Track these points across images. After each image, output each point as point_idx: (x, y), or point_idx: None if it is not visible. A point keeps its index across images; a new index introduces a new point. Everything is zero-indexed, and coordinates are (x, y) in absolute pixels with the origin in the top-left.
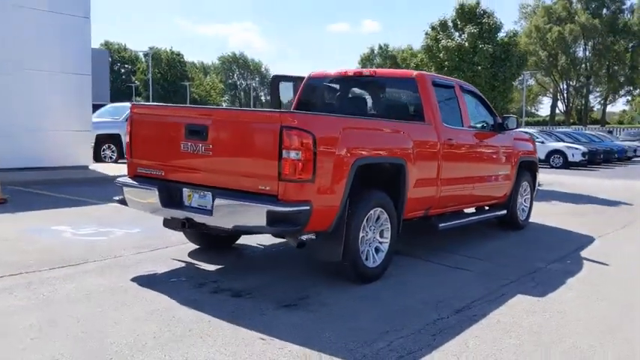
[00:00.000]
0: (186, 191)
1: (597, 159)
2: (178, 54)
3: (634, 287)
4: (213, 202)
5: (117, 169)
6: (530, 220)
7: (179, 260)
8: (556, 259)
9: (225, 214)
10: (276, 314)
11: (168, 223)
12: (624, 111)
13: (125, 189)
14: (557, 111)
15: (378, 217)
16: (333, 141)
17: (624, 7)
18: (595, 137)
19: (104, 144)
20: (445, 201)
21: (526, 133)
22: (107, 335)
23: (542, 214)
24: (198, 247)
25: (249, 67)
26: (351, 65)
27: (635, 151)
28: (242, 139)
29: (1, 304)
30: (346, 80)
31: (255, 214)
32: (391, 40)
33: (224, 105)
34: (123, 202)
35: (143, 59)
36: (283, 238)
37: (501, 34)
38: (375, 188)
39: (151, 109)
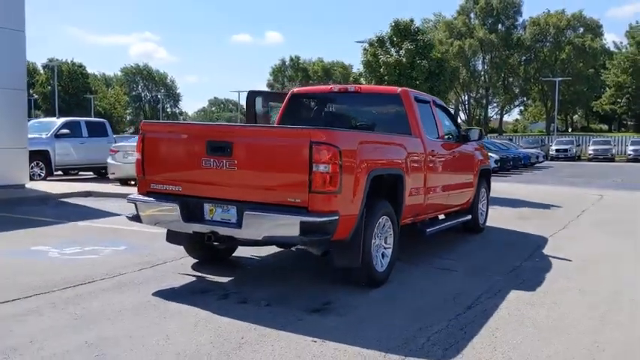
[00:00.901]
0: (207, 206)
1: (507, 165)
2: (80, 65)
3: (603, 278)
4: (238, 215)
5: (53, 187)
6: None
7: (186, 274)
8: (526, 258)
9: (256, 226)
10: (312, 319)
11: (173, 238)
12: (517, 120)
13: (141, 205)
14: (459, 121)
15: (384, 225)
16: (353, 154)
17: (517, 23)
18: (502, 145)
19: (32, 161)
20: (429, 208)
21: None
22: (170, 347)
23: (491, 218)
24: (196, 260)
25: (154, 79)
26: (262, 77)
27: (537, 157)
28: (269, 154)
29: (41, 325)
30: (331, 96)
31: (288, 225)
32: (296, 51)
33: (128, 118)
34: (136, 218)
35: (42, 71)
36: (301, 247)
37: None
38: (381, 198)
39: (166, 127)
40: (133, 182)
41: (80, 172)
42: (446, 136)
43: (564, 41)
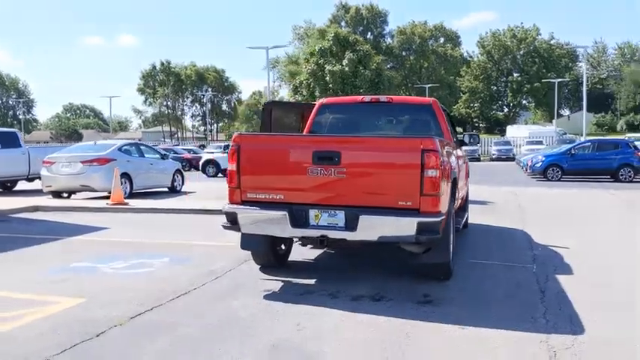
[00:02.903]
0: (312, 212)
1: None
2: None
3: (610, 258)
4: (346, 219)
5: None
6: None
7: (267, 279)
8: (530, 248)
9: (372, 228)
10: (426, 310)
11: (248, 244)
12: None
13: (242, 214)
14: None
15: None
16: (446, 160)
17: (384, 32)
18: None
19: None
20: (457, 207)
21: None
22: (353, 339)
23: None
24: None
25: (5, 84)
26: (132, 81)
27: None
28: (379, 161)
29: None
30: (362, 106)
31: (405, 226)
32: (151, 55)
33: None
34: (233, 227)
35: None
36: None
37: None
38: None
39: (264, 139)
40: (66, 195)
41: None
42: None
43: (428, 50)
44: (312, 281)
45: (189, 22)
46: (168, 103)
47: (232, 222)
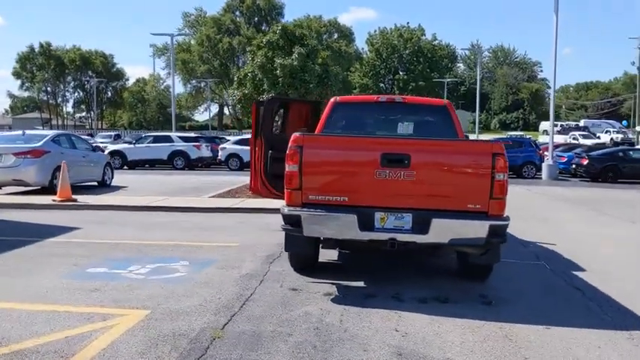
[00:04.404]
0: (378, 214)
1: None
2: None
3: (598, 250)
4: (414, 222)
5: None
6: None
7: (316, 282)
8: (520, 244)
9: (444, 232)
10: (497, 311)
11: (293, 247)
12: None
13: (307, 216)
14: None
15: None
16: None
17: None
18: None
19: None
20: None
21: None
22: (456, 342)
23: None
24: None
25: None
26: (7, 64)
27: None
28: (449, 165)
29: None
30: (377, 106)
31: (477, 229)
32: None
33: None
34: (295, 230)
35: None
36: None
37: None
38: None
39: (329, 140)
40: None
41: None
42: None
43: (324, 45)
44: (361, 283)
45: (74, 3)
46: (48, 88)
47: (294, 224)
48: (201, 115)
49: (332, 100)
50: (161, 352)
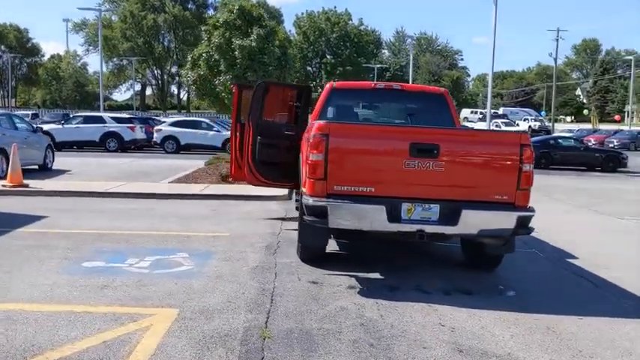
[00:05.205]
0: (405, 205)
1: None
2: None
3: (572, 235)
4: (441, 213)
5: None
6: None
7: (334, 274)
8: None
9: (474, 223)
10: (523, 303)
11: (312, 238)
12: None
13: (335, 207)
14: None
15: None
16: None
17: (208, 2)
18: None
19: None
20: None
21: None
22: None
23: None
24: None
25: None
26: None
27: None
28: (477, 155)
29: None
30: (374, 92)
31: (505, 220)
32: None
33: None
34: (321, 221)
35: None
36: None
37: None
38: None
39: (356, 128)
40: None
41: None
42: None
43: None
44: (377, 275)
45: None
46: None
47: (319, 215)
48: (122, 95)
49: (328, 85)
50: (217, 357)
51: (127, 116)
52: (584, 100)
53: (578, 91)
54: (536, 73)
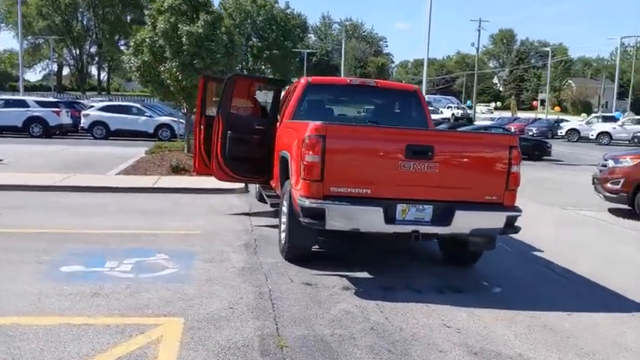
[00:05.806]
0: (400, 207)
1: None
2: None
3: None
4: (434, 213)
5: None
6: None
7: (324, 274)
8: None
9: (467, 223)
10: (512, 300)
11: (303, 239)
12: None
13: (333, 209)
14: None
15: None
16: None
17: None
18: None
19: None
20: None
21: None
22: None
23: None
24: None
25: None
26: None
27: None
28: (469, 157)
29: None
30: (348, 88)
31: (496, 220)
32: None
33: None
34: (316, 223)
35: None
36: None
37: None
38: None
39: (355, 130)
40: None
41: None
42: None
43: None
44: (366, 274)
45: None
46: None
47: (316, 217)
48: (37, 76)
49: (303, 80)
50: None
51: (52, 100)
52: (501, 88)
53: (495, 80)
54: (456, 61)
